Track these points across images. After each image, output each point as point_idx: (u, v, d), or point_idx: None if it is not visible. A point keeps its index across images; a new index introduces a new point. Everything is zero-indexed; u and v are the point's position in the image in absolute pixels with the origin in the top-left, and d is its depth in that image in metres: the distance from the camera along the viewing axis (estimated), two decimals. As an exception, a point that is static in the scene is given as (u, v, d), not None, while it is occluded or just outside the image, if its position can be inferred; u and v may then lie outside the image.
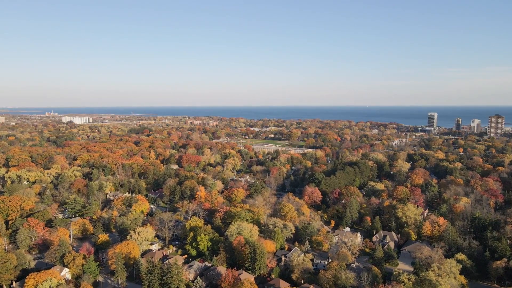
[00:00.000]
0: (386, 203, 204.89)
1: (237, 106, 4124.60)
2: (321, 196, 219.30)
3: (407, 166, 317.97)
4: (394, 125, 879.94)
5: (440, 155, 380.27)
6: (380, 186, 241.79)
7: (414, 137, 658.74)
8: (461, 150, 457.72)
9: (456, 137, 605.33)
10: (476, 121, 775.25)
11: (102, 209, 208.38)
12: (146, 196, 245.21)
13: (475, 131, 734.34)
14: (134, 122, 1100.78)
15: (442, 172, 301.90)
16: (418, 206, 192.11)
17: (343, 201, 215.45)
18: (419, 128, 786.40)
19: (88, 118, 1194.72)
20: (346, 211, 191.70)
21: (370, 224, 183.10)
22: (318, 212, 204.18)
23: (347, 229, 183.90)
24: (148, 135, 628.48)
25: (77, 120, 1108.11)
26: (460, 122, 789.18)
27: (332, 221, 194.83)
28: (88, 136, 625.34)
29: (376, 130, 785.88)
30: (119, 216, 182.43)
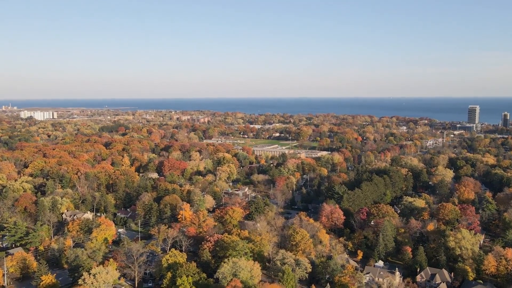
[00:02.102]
0: (430, 226, 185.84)
1: (233, 98, 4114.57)
2: (344, 217, 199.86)
3: (450, 174, 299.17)
4: (426, 121, 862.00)
5: (490, 159, 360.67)
6: (419, 202, 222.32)
7: (452, 136, 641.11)
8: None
9: (505, 136, 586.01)
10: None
11: (54, 235, 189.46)
12: (114, 215, 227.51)
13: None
14: (109, 118, 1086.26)
15: (496, 183, 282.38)
16: (475, 231, 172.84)
17: (372, 222, 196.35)
18: (458, 125, 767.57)
19: (53, 113, 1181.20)
20: (379, 238, 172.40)
21: (412, 256, 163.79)
22: (340, 239, 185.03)
23: (380, 263, 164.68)
24: (123, 134, 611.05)
25: (38, 115, 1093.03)
26: (508, 117, 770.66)
27: (359, 251, 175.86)
28: (49, 136, 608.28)
29: (405, 127, 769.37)
30: (73, 247, 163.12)
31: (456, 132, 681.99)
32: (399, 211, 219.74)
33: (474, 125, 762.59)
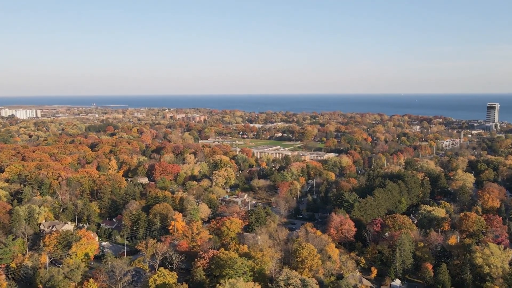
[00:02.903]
0: (452, 240, 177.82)
1: (232, 95, 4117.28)
2: (355, 229, 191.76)
3: (471, 179, 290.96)
4: (441, 120, 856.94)
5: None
6: (439, 211, 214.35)
7: (470, 136, 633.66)
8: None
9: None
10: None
11: (29, 250, 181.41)
12: (99, 226, 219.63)
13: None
14: (97, 116, 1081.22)
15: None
16: (504, 246, 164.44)
17: (387, 234, 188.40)
18: (476, 124, 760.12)
19: (36, 111, 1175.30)
20: (395, 253, 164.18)
21: (433, 275, 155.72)
22: (352, 254, 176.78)
23: (398, 282, 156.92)
24: (111, 134, 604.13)
25: (20, 113, 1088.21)
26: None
27: (373, 268, 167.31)
28: (30, 136, 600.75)
29: (418, 127, 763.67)
30: (50, 264, 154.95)
31: (474, 132, 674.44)
32: (416, 221, 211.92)
33: (494, 124, 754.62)
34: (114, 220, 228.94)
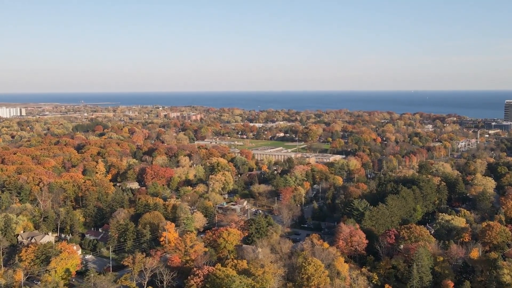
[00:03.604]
0: (474, 253, 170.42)
1: (230, 92, 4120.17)
2: (366, 241, 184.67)
3: (491, 184, 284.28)
4: (455, 118, 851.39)
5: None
6: (458, 220, 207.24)
7: (487, 136, 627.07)
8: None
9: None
10: None
11: (5, 265, 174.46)
12: (83, 237, 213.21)
13: None
14: (85, 115, 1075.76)
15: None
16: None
17: (401, 247, 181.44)
18: (493, 123, 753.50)
19: (20, 110, 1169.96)
20: (412, 269, 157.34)
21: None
22: (363, 269, 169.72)
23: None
24: (100, 135, 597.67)
25: (4, 112, 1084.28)
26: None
27: (386, 286, 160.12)
28: (13, 137, 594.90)
29: (430, 126, 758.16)
30: (25, 282, 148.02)
31: (491, 132, 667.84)
32: (432, 231, 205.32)
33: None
34: (100, 230, 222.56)
